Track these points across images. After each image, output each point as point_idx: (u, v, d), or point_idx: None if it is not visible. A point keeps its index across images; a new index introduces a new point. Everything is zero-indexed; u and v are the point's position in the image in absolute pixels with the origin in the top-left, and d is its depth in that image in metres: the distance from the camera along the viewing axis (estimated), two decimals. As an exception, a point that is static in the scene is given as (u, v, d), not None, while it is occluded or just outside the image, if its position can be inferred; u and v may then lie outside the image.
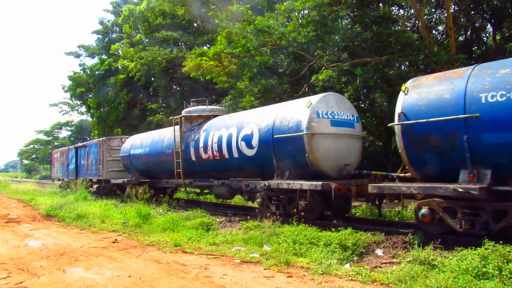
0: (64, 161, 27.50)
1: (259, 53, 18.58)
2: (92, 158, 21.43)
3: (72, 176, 24.94)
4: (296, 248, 6.99)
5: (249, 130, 10.77)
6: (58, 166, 29.50)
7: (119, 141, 19.98)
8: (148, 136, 16.84)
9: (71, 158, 25.50)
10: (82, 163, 23.24)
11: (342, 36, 16.55)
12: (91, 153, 21.55)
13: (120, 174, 19.25)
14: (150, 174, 16.50)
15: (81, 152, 23.57)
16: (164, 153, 14.76)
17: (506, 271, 4.92)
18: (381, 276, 5.42)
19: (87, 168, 22.35)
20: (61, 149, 30.08)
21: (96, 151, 20.61)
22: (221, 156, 11.64)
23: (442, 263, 5.52)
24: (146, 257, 7.23)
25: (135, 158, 16.99)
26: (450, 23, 17.28)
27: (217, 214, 12.01)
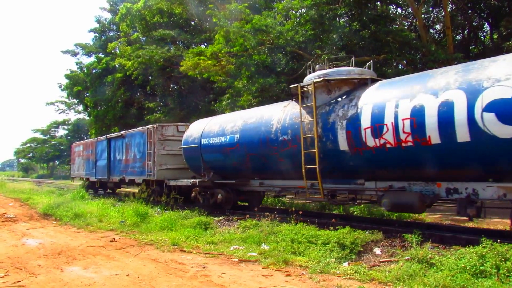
0: (89, 156, 22.20)
1: (257, 52, 18.58)
2: (134, 151, 16.57)
3: (102, 174, 19.92)
4: (294, 246, 7.00)
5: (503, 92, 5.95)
6: (80, 163, 24.08)
7: (174, 130, 15.49)
8: (235, 118, 11.67)
9: (101, 152, 20.29)
10: (118, 158, 18.16)
11: (340, 35, 16.57)
12: (133, 145, 16.70)
13: (175, 174, 14.80)
14: (232, 173, 11.80)
15: (116, 144, 18.52)
16: (273, 141, 9.77)
17: (504, 269, 4.94)
18: (379, 275, 5.42)
19: (125, 165, 17.38)
20: (85, 141, 24.77)
21: (142, 142, 15.88)
22: (421, 141, 6.82)
23: (440, 261, 5.53)
24: (144, 256, 7.21)
25: (210, 150, 12.04)
26: (448, 22, 17.34)
27: (215, 213, 12.00)
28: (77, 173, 24.94)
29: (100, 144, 20.48)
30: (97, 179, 20.74)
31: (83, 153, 23.54)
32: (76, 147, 25.70)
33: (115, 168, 18.51)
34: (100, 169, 20.25)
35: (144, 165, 15.54)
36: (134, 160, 16.55)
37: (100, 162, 20.27)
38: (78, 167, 24.59)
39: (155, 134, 15.02)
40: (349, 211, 11.34)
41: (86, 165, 22.80)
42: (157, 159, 14.84)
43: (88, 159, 22.50)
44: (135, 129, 17.43)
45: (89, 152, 22.37)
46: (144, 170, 15.44)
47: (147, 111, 32.74)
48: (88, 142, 23.34)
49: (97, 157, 20.65)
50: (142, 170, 15.66)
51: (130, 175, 16.85)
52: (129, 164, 16.93)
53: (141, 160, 15.84)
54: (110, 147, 19.09)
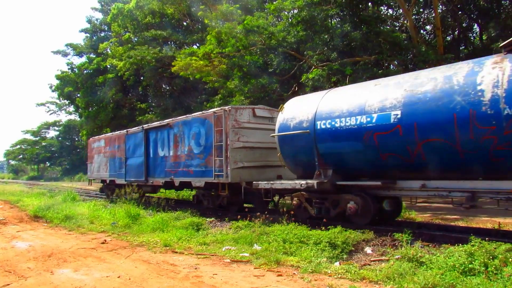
0: (114, 152, 17.60)
1: (249, 52, 18.61)
2: (190, 145, 12.21)
3: (136, 175, 15.41)
4: (286, 247, 7.01)
5: None
6: (102, 161, 19.16)
7: (249, 114, 11.25)
8: (384, 87, 7.84)
9: (133, 147, 15.83)
10: (162, 154, 13.79)
11: (331, 35, 16.66)
12: (188, 136, 12.37)
13: (253, 174, 10.91)
14: (367, 172, 8.15)
15: (158, 136, 14.14)
16: (484, 117, 6.17)
17: (492, 267, 5.01)
18: (370, 274, 5.46)
19: (175, 163, 13.02)
20: (108, 134, 19.50)
21: (203, 131, 11.65)
22: None
23: (430, 260, 5.58)
24: (135, 257, 7.18)
25: (333, 137, 8.29)
26: (438, 23, 17.52)
27: (207, 214, 11.98)
28: (97, 174, 19.95)
29: (132, 138, 15.92)
30: (127, 182, 15.74)
31: (105, 150, 18.68)
32: (94, 142, 20.53)
33: (157, 167, 14.08)
34: (133, 169, 15.75)
35: (207, 163, 11.32)
36: (189, 156, 12.17)
37: (133, 160, 15.77)
38: (99, 166, 19.52)
39: (228, 120, 10.74)
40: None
41: (110, 164, 18.09)
42: (231, 155, 10.60)
43: (113, 156, 17.81)
44: (190, 115, 12.68)
45: (114, 148, 17.65)
46: (209, 170, 11.22)
47: (139, 112, 32.60)
48: (112, 135, 18.28)
49: (128, 153, 16.22)
50: (204, 169, 11.47)
51: (183, 176, 12.46)
52: (181, 161, 12.62)
53: (202, 156, 11.57)
54: (148, 141, 14.70)
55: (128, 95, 35.99)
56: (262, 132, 11.21)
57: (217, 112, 11.15)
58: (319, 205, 8.81)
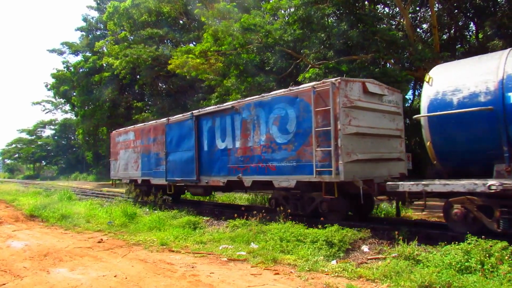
0: (150, 146, 14.61)
1: (246, 50, 18.57)
2: (270, 133, 9.49)
3: (184, 174, 12.52)
4: (283, 245, 7.01)
5: None
6: (131, 157, 15.98)
7: (359, 90, 8.54)
8: None
9: (177, 139, 12.96)
10: (222, 146, 10.98)
11: (328, 34, 16.64)
12: (267, 121, 9.60)
13: (366, 170, 8.36)
14: None
15: (217, 123, 11.24)
16: None
17: (488, 265, 5.03)
18: (367, 272, 5.47)
19: (244, 156, 10.23)
20: (140, 126, 16.07)
21: (293, 113, 8.91)
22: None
23: (427, 258, 5.60)
24: (132, 256, 7.16)
25: None
26: (434, 22, 17.55)
27: (204, 212, 11.96)
28: (124, 173, 16.74)
29: (176, 127, 13.06)
30: (169, 182, 13.32)
31: (136, 144, 15.69)
32: (119, 135, 17.31)
33: (215, 163, 11.19)
34: (177, 166, 12.88)
35: (301, 155, 8.58)
36: (268, 147, 9.40)
37: (177, 155, 12.89)
38: (126, 164, 16.39)
39: (337, 96, 7.98)
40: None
41: (142, 161, 15.07)
42: (343, 143, 7.86)
43: (146, 151, 14.85)
44: (268, 94, 9.81)
45: (148, 141, 14.76)
46: (304, 164, 8.49)
47: (136, 110, 32.50)
48: (146, 126, 15.26)
49: (169, 147, 13.34)
50: (295, 164, 8.70)
51: (258, 173, 9.67)
52: (254, 155, 9.83)
53: (290, 146, 8.84)
54: (201, 130, 11.87)
55: (124, 94, 35.86)
56: (373, 114, 8.69)
57: (318, 86, 8.26)
58: (508, 216, 6.17)
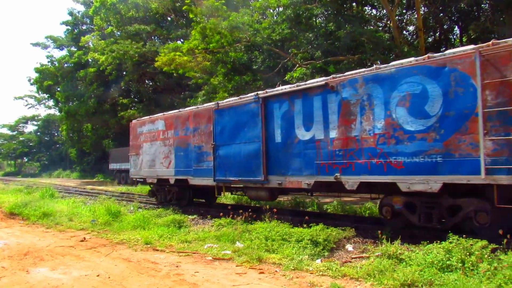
0: (188, 138, 11.77)
1: (234, 49, 18.52)
2: (395, 116, 7.02)
3: (244, 173, 9.92)
4: (268, 244, 7.02)
5: None
6: (159, 152, 13.02)
7: None
8: None
9: (235, 128, 10.22)
10: (306, 137, 8.49)
11: (316, 34, 16.72)
12: (389, 101, 7.11)
13: None
14: None
15: (296, 107, 8.71)
16: None
17: (469, 263, 5.12)
18: (351, 271, 5.51)
19: (344, 150, 7.77)
20: (173, 112, 12.87)
21: (437, 91, 6.51)
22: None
23: (409, 257, 5.67)
24: (115, 255, 7.07)
25: None
26: (420, 24, 17.78)
27: (189, 211, 11.88)
28: (149, 171, 13.53)
29: (231, 114, 10.38)
30: (219, 182, 10.71)
31: (167, 135, 12.72)
32: (143, 125, 14.03)
33: (293, 158, 8.70)
34: (232, 163, 10.23)
35: (451, 147, 6.34)
36: (389, 137, 7.07)
37: (231, 148, 10.25)
38: (153, 160, 13.30)
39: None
40: (323, 208, 11.49)
41: (176, 156, 12.19)
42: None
43: (183, 144, 11.95)
44: (389, 65, 7.32)
45: (185, 131, 11.88)
46: (458, 160, 6.24)
47: (121, 107, 32.11)
48: (182, 113, 12.20)
49: (219, 139, 10.64)
50: (442, 159, 6.43)
51: (372, 172, 7.28)
52: (362, 147, 7.42)
53: (431, 135, 6.57)
54: (270, 117, 9.31)
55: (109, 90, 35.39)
56: None
57: (487, 49, 6.02)
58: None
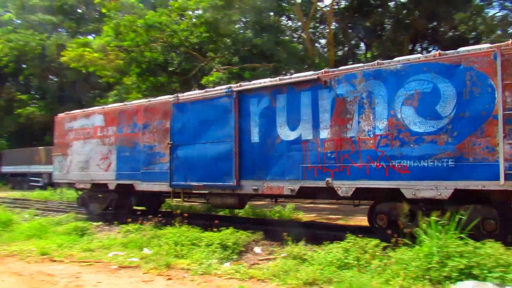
0: (136, 136, 10.24)
1: (149, 49, 17.95)
2: (400, 116, 6.52)
3: (210, 177, 8.72)
4: (177, 249, 6.90)
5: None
6: (96, 151, 11.20)
7: None
8: None
9: (200, 125, 8.98)
10: (291, 137, 7.67)
11: (233, 40, 16.96)
12: (393, 99, 6.59)
13: None
14: None
15: (280, 103, 7.84)
16: None
17: (363, 260, 5.59)
18: (258, 273, 5.66)
19: (337, 152, 7.11)
20: (117, 106, 11.52)
21: (450, 90, 6.14)
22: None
23: (312, 257, 6.01)
24: (3, 269, 6.33)
25: None
26: (331, 38, 19.11)
27: (94, 217, 11.16)
28: (79, 174, 11.51)
29: (197, 108, 9.12)
30: (176, 188, 9.36)
31: (106, 132, 10.99)
32: (73, 120, 12.03)
33: (274, 161, 7.80)
34: (194, 165, 8.97)
35: (465, 151, 5.99)
36: (395, 138, 6.53)
37: (193, 148, 9.00)
38: (86, 161, 11.37)
39: None
40: (234, 212, 11.64)
41: (119, 157, 10.55)
42: None
43: (130, 143, 10.35)
44: (400, 58, 6.76)
45: (133, 128, 10.33)
46: (473, 165, 5.92)
47: (20, 104, 29.00)
48: (128, 107, 10.66)
49: (177, 137, 9.32)
50: (456, 163, 6.03)
51: (370, 177, 6.72)
52: (360, 150, 6.83)
53: (443, 137, 6.17)
54: (245, 113, 8.31)
55: (5, 84, 31.73)
56: None
57: (508, 48, 5.75)
58: None
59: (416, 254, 5.28)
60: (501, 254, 4.94)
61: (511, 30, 20.91)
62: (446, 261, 4.99)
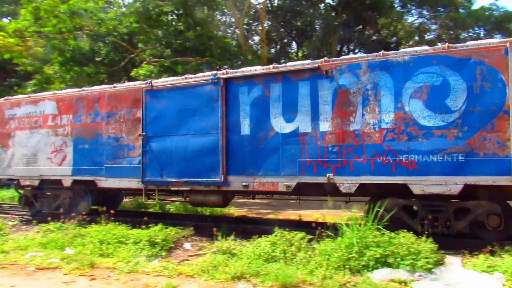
0: (99, 126, 9.07)
1: (74, 36, 16.83)
2: (407, 109, 6.36)
3: (192, 173, 7.90)
4: (103, 248, 6.65)
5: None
6: (45, 143, 9.75)
7: None
8: None
9: (180, 115, 8.07)
10: (288, 129, 7.18)
11: (165, 32, 16.54)
12: (400, 92, 6.43)
13: None
14: None
15: (275, 92, 7.32)
16: None
17: (289, 253, 5.85)
18: (186, 269, 5.66)
19: (339, 146, 6.78)
20: (74, 92, 9.88)
21: (461, 84, 6.09)
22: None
23: (241, 251, 6.14)
24: None
25: None
26: (263, 36, 19.46)
27: (10, 215, 10.29)
28: (24, 169, 10.02)
29: (175, 96, 8.20)
30: (149, 184, 8.39)
31: (60, 121, 9.66)
32: (15, 107, 10.43)
33: (269, 154, 7.28)
34: (173, 159, 8.10)
35: (475, 145, 5.97)
36: (402, 132, 6.37)
37: (171, 141, 8.13)
38: (33, 154, 9.94)
39: None
40: (165, 208, 11.45)
41: (76, 150, 9.36)
42: None
43: (90, 135, 9.17)
44: (408, 49, 6.83)
45: (94, 117, 9.17)
46: (483, 160, 5.94)
47: None
48: (89, 93, 9.37)
49: (151, 128, 8.37)
50: (465, 158, 6.02)
51: (375, 172, 6.49)
52: (364, 144, 6.60)
53: (454, 131, 6.10)
54: (233, 103, 7.66)
55: None
56: None
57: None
58: None
59: (338, 245, 5.65)
60: (413, 243, 5.46)
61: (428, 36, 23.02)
62: (365, 251, 5.41)
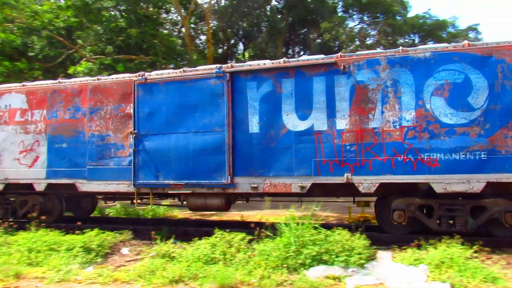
0: (81, 122, 8.15)
1: (3, 29, 15.64)
2: (429, 107, 6.31)
3: (201, 175, 7.31)
4: (31, 257, 6.26)
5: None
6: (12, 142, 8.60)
7: None
8: None
9: (178, 111, 7.49)
10: (301, 127, 6.88)
11: (106, 28, 15.88)
12: (421, 89, 6.37)
13: None
14: None
15: (287, 88, 6.99)
16: None
17: (229, 254, 5.87)
18: (123, 275, 5.50)
19: (357, 144, 6.59)
20: (49, 84, 8.67)
21: (483, 82, 6.14)
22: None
23: (180, 254, 6.07)
24: None
25: None
26: (209, 36, 19.34)
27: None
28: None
29: (172, 91, 7.59)
30: (141, 187, 7.72)
31: (31, 117, 8.58)
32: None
33: (281, 153, 6.91)
34: (171, 160, 7.46)
35: (497, 143, 6.06)
36: (424, 130, 6.32)
37: (169, 139, 7.51)
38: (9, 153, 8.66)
39: None
40: (105, 212, 11.02)
41: (51, 150, 8.35)
42: None
43: (69, 133, 8.24)
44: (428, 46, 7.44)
45: (74, 112, 8.27)
46: (506, 157, 6.04)
47: None
48: (68, 86, 8.41)
49: (144, 125, 7.68)
50: (488, 156, 6.08)
51: (397, 172, 6.38)
52: (384, 142, 6.45)
53: (476, 129, 6.13)
54: (240, 99, 7.19)
55: None
56: None
57: None
58: None
59: (277, 245, 5.77)
60: (347, 240, 5.72)
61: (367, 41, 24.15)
62: (302, 250, 5.58)
